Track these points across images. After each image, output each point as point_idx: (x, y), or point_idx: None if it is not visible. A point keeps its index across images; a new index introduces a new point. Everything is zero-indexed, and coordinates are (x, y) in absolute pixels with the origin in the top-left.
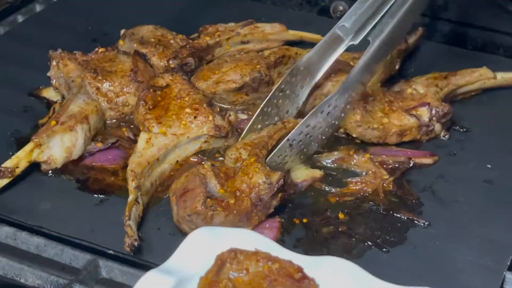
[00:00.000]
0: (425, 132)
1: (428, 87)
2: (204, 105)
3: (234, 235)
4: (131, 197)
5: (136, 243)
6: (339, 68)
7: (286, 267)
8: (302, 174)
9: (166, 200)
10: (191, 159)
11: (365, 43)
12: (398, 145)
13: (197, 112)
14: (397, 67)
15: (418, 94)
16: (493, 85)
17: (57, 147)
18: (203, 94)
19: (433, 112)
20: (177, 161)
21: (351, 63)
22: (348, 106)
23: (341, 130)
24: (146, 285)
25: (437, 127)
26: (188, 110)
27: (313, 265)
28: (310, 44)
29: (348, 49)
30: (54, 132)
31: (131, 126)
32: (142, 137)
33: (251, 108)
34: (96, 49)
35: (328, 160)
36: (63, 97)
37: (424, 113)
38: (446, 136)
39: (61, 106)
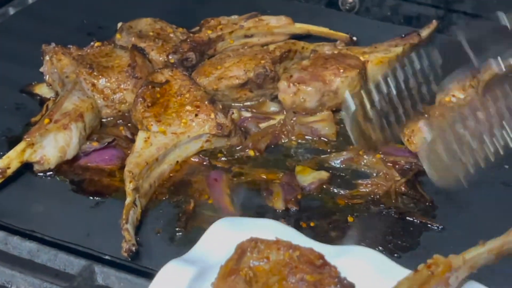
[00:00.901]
0: None
1: (465, 90)
2: (206, 102)
3: (255, 225)
4: (128, 200)
5: (133, 248)
6: (348, 63)
7: (307, 254)
8: (309, 177)
9: (165, 203)
10: (192, 159)
11: (371, 38)
12: None
13: (198, 109)
14: None
15: (461, 100)
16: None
17: (50, 146)
18: (205, 91)
19: None
20: (177, 161)
21: (361, 57)
22: None
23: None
24: (167, 275)
25: None
26: (188, 107)
27: (336, 254)
28: (317, 38)
29: (356, 43)
30: (47, 130)
31: (129, 124)
32: (141, 136)
33: (255, 105)
34: (92, 43)
35: (337, 160)
36: (56, 94)
37: None
38: None
39: (55, 103)
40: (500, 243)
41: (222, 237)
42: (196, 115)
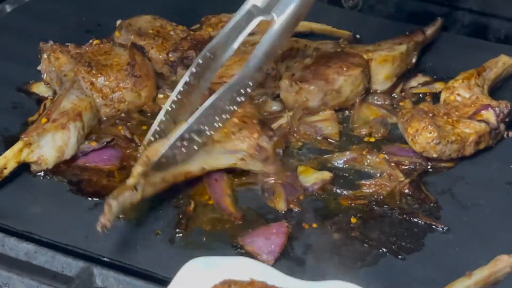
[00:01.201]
0: (495, 136)
1: (471, 89)
2: (254, 121)
3: (229, 265)
4: (130, 181)
5: (108, 225)
6: (351, 61)
7: None
8: (312, 177)
9: (165, 203)
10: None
11: (374, 36)
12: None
13: (244, 125)
14: (414, 60)
15: (467, 99)
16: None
17: (48, 146)
18: (259, 112)
19: (497, 112)
20: (204, 167)
21: (365, 56)
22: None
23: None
24: None
25: (502, 127)
26: (235, 120)
27: None
28: (320, 36)
29: (359, 41)
30: (45, 130)
31: (128, 123)
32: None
33: (257, 104)
34: (90, 41)
35: (340, 160)
36: (54, 93)
37: (490, 116)
38: (510, 135)
39: (53, 102)
40: (486, 274)
41: (195, 279)
42: (240, 129)
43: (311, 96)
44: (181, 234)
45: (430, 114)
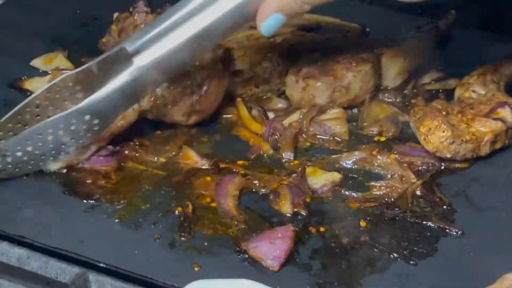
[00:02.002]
0: (511, 136)
1: (487, 85)
2: None
3: None
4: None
5: None
6: (361, 56)
7: None
8: (320, 179)
9: (164, 206)
10: (195, 160)
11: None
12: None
13: None
14: (426, 55)
15: (482, 96)
16: None
17: None
18: None
19: None
20: None
21: (375, 50)
22: None
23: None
24: None
25: None
26: None
27: None
28: (327, 29)
29: (369, 35)
30: None
31: None
32: None
33: (263, 101)
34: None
35: (348, 161)
36: None
37: (507, 114)
38: None
39: None
40: None
41: None
42: None
43: (318, 93)
44: (182, 239)
45: (444, 112)
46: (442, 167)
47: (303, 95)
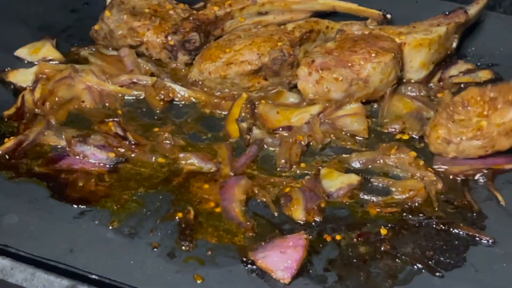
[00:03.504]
0: None
1: None
2: None
3: None
4: None
5: None
6: (381, 46)
7: None
8: (336, 181)
9: (162, 211)
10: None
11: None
12: None
13: None
14: (454, 44)
15: None
16: None
17: None
18: None
19: None
20: None
21: (397, 39)
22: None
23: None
24: None
25: None
26: None
27: None
28: (344, 16)
29: (390, 22)
30: None
31: (119, 119)
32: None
33: (271, 95)
34: None
35: (359, 161)
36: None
37: None
38: None
39: None
40: None
41: None
42: None
43: (333, 86)
44: (182, 248)
45: (461, 106)
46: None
47: (317, 88)
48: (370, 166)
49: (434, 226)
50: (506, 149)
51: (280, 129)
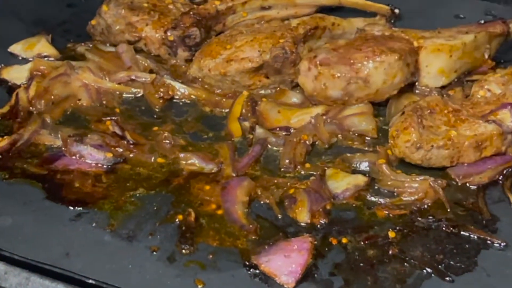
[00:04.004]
0: (510, 142)
1: (506, 85)
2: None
3: None
4: None
5: None
6: (389, 46)
7: None
8: (342, 182)
9: (162, 213)
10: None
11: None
12: None
13: None
14: (486, 55)
15: (493, 96)
16: None
17: None
18: None
19: None
20: None
21: (415, 42)
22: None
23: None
24: None
25: None
26: None
27: None
28: (351, 11)
29: (398, 18)
30: None
31: (117, 118)
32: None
33: (273, 94)
34: None
35: (363, 162)
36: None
37: (507, 117)
38: None
39: None
40: None
41: None
42: None
43: (330, 83)
44: (183, 251)
45: (428, 111)
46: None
47: (315, 85)
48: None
49: (444, 229)
50: (471, 162)
51: (278, 129)
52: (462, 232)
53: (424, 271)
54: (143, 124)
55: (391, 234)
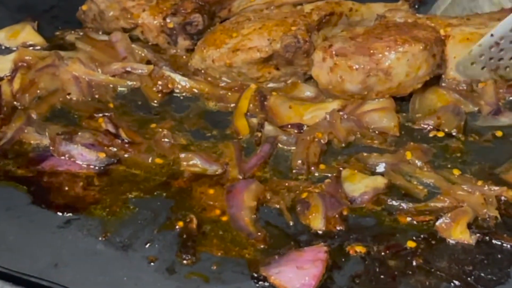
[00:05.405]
0: None
1: None
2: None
3: None
4: None
5: None
6: (413, 35)
7: None
8: (360, 185)
9: (160, 220)
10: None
11: None
12: None
13: None
14: None
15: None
16: None
17: None
18: None
19: None
20: None
21: (442, 31)
22: None
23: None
24: None
25: None
26: None
27: None
28: None
29: (423, 3)
30: None
31: (110, 114)
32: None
33: (284, 87)
34: None
35: (381, 163)
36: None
37: None
38: None
39: None
40: None
41: None
42: None
43: (348, 76)
44: (184, 262)
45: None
46: None
47: (331, 77)
48: (393, 170)
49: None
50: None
51: (289, 126)
52: (493, 241)
53: (452, 283)
54: (140, 120)
55: (414, 243)
